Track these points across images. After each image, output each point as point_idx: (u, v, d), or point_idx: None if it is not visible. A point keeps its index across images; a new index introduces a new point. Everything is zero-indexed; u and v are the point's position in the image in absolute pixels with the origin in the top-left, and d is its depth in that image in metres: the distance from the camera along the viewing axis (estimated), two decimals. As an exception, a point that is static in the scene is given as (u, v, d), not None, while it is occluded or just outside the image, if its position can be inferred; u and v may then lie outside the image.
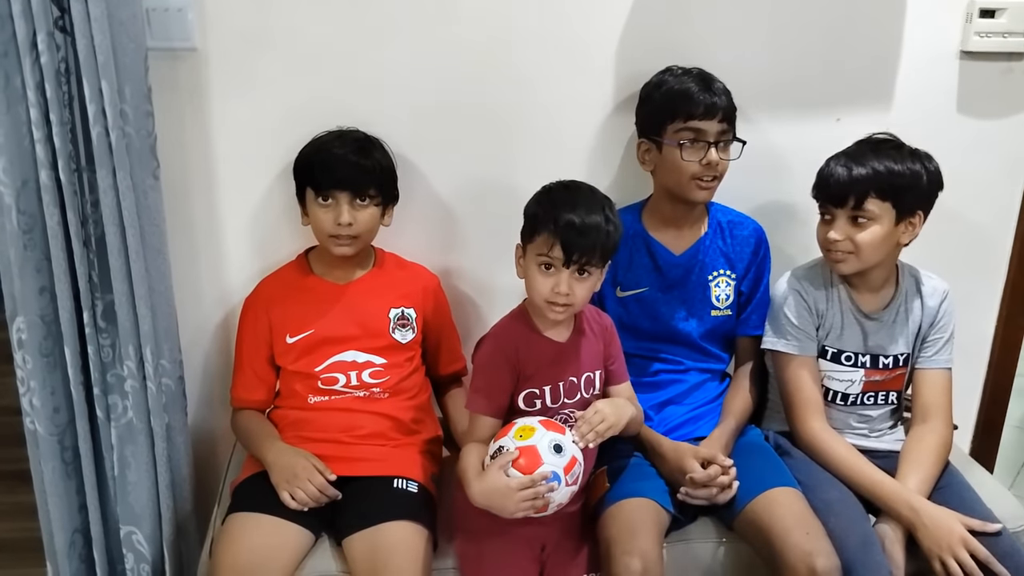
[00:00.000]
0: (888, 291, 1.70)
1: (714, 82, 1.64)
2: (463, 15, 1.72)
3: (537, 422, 1.44)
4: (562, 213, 1.40)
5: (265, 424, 1.70)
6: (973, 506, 1.54)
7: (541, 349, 1.50)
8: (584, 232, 1.40)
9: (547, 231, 1.41)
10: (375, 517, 1.50)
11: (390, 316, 1.71)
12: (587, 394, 1.55)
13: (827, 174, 1.61)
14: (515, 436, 1.42)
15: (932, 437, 1.63)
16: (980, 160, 1.92)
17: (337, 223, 1.62)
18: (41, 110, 1.46)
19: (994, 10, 1.80)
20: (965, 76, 1.86)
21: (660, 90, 1.66)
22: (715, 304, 1.75)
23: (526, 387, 1.50)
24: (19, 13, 1.41)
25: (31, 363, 1.57)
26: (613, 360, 1.60)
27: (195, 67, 1.70)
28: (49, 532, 1.69)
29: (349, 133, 1.68)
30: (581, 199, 1.44)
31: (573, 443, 1.43)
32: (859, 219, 1.59)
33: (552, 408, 1.52)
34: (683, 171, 1.63)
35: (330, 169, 1.63)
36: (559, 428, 1.45)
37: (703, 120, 1.61)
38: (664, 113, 1.64)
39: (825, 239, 1.63)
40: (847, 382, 1.69)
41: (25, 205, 1.50)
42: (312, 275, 1.73)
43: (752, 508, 1.52)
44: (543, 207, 1.44)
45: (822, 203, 1.64)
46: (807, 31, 1.80)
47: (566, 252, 1.40)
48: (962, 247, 1.97)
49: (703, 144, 1.61)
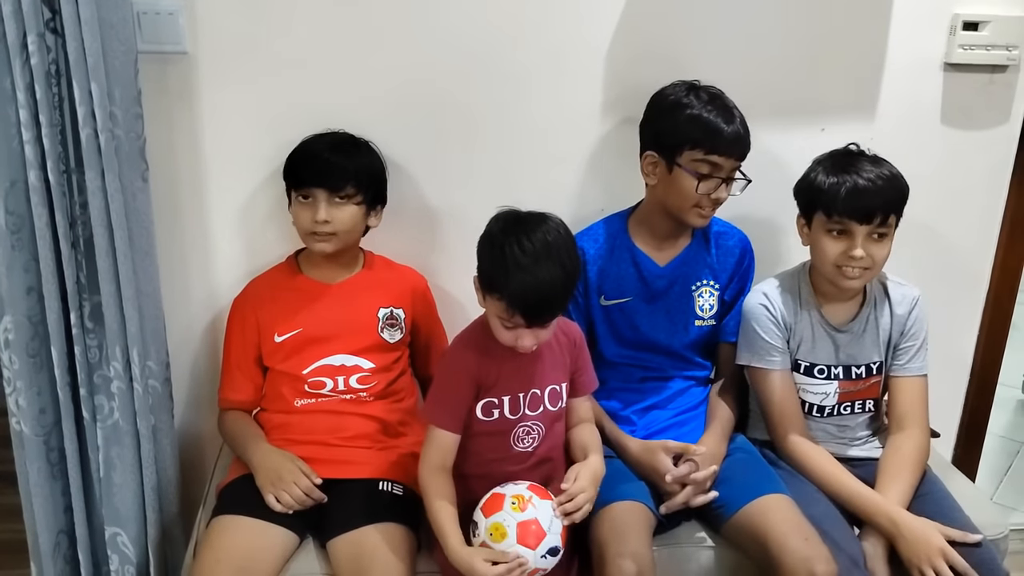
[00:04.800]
0: (856, 302, 1.70)
1: (736, 115, 1.61)
2: (453, 20, 1.74)
3: (527, 488, 1.43)
4: (517, 280, 1.35)
5: (251, 425, 1.70)
6: (952, 514, 1.55)
7: (502, 360, 1.48)
8: (543, 298, 1.36)
9: (504, 300, 1.37)
10: (360, 519, 1.51)
11: (379, 316, 1.72)
12: (552, 406, 1.53)
13: (850, 189, 1.54)
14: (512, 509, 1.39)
15: (909, 445, 1.64)
16: (963, 171, 1.94)
17: (314, 220, 1.63)
18: (31, 111, 1.46)
19: (978, 23, 1.83)
20: (949, 88, 1.89)
21: (684, 112, 1.60)
22: (699, 315, 1.76)
23: (485, 396, 1.48)
24: (9, 14, 1.41)
25: (18, 363, 1.57)
26: (580, 372, 1.58)
27: (185, 71, 1.70)
28: (34, 533, 1.68)
29: (337, 134, 1.69)
30: (536, 253, 1.36)
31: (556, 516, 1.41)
32: (880, 235, 1.57)
33: (511, 419, 1.51)
34: (689, 198, 1.62)
35: (308, 166, 1.64)
36: (545, 494, 1.43)
37: (723, 156, 1.59)
38: (685, 137, 1.59)
39: (842, 256, 1.57)
40: (822, 394, 1.70)
41: (13, 205, 1.51)
42: (301, 275, 1.74)
43: (745, 513, 1.53)
44: (497, 267, 1.38)
45: (839, 218, 1.56)
46: (792, 41, 1.82)
47: (527, 320, 1.38)
48: (944, 257, 1.99)
49: (717, 179, 1.61)
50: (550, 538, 1.38)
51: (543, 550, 1.38)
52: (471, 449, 1.53)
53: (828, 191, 1.58)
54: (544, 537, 1.38)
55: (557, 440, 1.58)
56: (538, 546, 1.37)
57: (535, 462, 1.54)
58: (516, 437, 1.52)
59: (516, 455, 1.52)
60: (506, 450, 1.52)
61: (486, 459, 1.52)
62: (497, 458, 1.52)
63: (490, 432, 1.51)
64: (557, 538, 1.39)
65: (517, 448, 1.52)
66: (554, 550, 1.39)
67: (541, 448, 1.54)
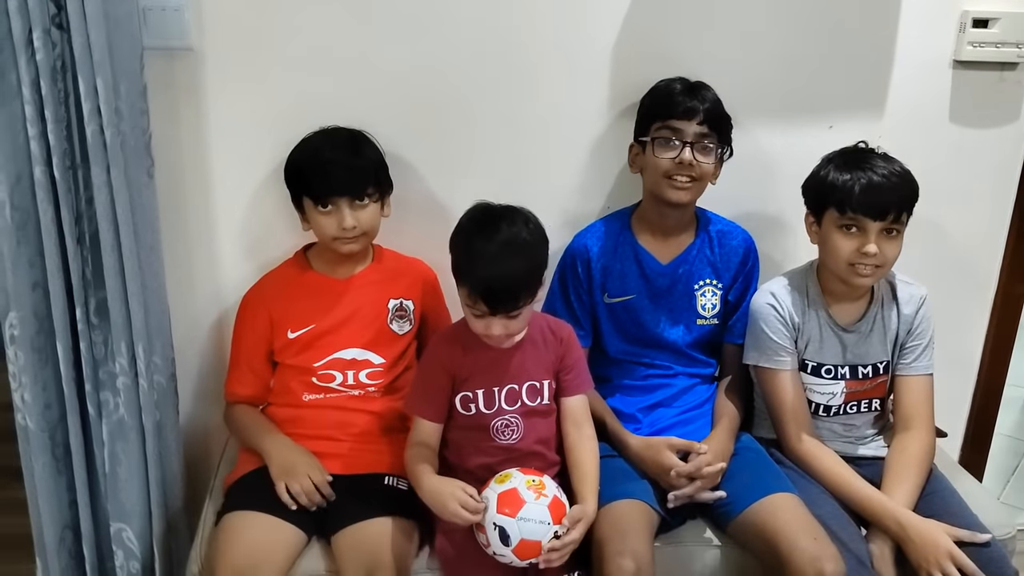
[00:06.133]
0: (863, 302, 1.69)
1: (703, 89, 1.66)
2: (460, 16, 1.73)
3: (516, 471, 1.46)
4: (479, 267, 1.42)
5: (263, 418, 1.71)
6: (959, 513, 1.55)
7: (477, 354, 1.52)
8: (504, 286, 1.41)
9: (468, 286, 1.44)
10: (365, 513, 1.51)
11: (389, 307, 1.72)
12: (531, 402, 1.55)
13: (864, 185, 1.54)
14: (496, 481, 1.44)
15: (915, 445, 1.63)
16: (972, 169, 1.92)
17: (342, 228, 1.63)
18: (36, 106, 1.46)
19: (987, 20, 1.81)
20: (958, 85, 1.87)
21: (651, 94, 1.70)
22: (701, 313, 1.76)
23: (461, 390, 1.53)
24: (15, 9, 1.41)
25: (23, 358, 1.58)
26: (569, 371, 1.59)
27: (191, 66, 1.70)
28: (39, 528, 1.69)
29: (335, 133, 1.68)
30: (499, 242, 1.43)
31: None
32: (892, 231, 1.57)
33: (487, 413, 1.54)
34: (658, 169, 1.65)
35: (326, 177, 1.62)
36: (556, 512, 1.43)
37: (681, 120, 1.63)
38: (649, 113, 1.68)
39: (855, 253, 1.56)
40: (829, 394, 1.69)
41: (19, 201, 1.51)
42: (311, 271, 1.74)
43: (753, 512, 1.52)
44: (462, 256, 1.46)
45: (853, 215, 1.55)
46: (801, 38, 1.81)
47: (491, 307, 1.42)
48: (952, 256, 1.97)
49: (679, 144, 1.63)
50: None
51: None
52: (458, 443, 1.57)
53: (842, 187, 1.57)
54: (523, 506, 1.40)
55: (543, 435, 1.58)
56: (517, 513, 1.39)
57: (520, 456, 1.54)
58: (495, 430, 1.54)
59: (500, 448, 1.55)
60: (489, 443, 1.55)
61: (471, 451, 1.56)
62: (482, 450, 1.55)
63: (470, 426, 1.55)
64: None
65: (499, 441, 1.55)
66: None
67: (525, 442, 1.55)
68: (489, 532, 1.40)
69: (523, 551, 1.39)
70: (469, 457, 1.56)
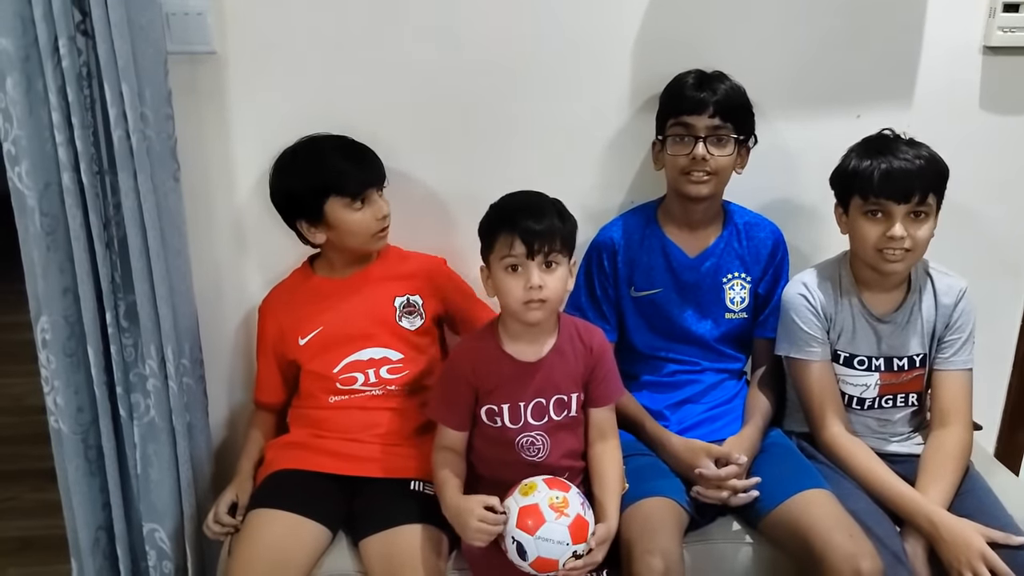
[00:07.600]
0: (900, 292, 1.66)
1: (716, 81, 1.64)
2: (481, 13, 1.73)
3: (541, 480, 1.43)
4: (512, 212, 1.45)
5: (253, 443, 1.75)
6: (994, 512, 1.52)
7: (501, 367, 1.50)
8: (538, 220, 1.42)
9: (503, 232, 1.43)
10: (392, 520, 1.52)
11: (395, 304, 1.72)
12: (557, 416, 1.52)
13: (885, 169, 1.53)
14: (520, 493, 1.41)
15: (951, 442, 1.60)
16: (1003, 157, 1.89)
17: (378, 218, 1.67)
18: (63, 113, 1.48)
19: (1018, 4, 1.77)
20: (988, 71, 1.83)
21: (665, 91, 1.69)
22: (729, 307, 1.74)
23: (486, 402, 1.51)
24: (40, 17, 1.43)
25: (55, 363, 1.60)
26: (600, 382, 1.55)
27: (214, 70, 1.71)
28: (74, 529, 1.71)
29: (329, 139, 1.68)
30: (527, 198, 1.48)
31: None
32: (919, 214, 1.55)
33: (513, 428, 1.51)
34: (674, 166, 1.65)
35: (358, 170, 1.65)
36: (563, 486, 1.42)
37: (691, 115, 1.61)
38: (664, 110, 1.68)
39: (883, 238, 1.54)
40: (862, 386, 1.66)
41: (48, 207, 1.53)
42: (314, 276, 1.75)
43: (785, 509, 1.50)
44: (493, 214, 1.49)
45: (876, 199, 1.54)
46: (827, 26, 1.79)
47: (527, 243, 1.41)
48: (984, 244, 1.94)
49: (691, 139, 1.61)
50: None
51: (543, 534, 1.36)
52: (483, 453, 1.55)
53: (863, 173, 1.56)
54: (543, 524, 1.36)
55: (569, 449, 1.56)
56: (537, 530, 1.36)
57: (546, 471, 1.49)
58: (520, 446, 1.52)
59: (526, 463, 1.52)
60: (514, 457, 1.52)
61: (497, 465, 1.54)
62: (508, 463, 1.52)
63: (495, 438, 1.53)
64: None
65: (525, 457, 1.52)
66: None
67: (551, 458, 1.53)
68: (508, 544, 1.39)
69: (540, 566, 1.37)
70: (495, 469, 1.54)
